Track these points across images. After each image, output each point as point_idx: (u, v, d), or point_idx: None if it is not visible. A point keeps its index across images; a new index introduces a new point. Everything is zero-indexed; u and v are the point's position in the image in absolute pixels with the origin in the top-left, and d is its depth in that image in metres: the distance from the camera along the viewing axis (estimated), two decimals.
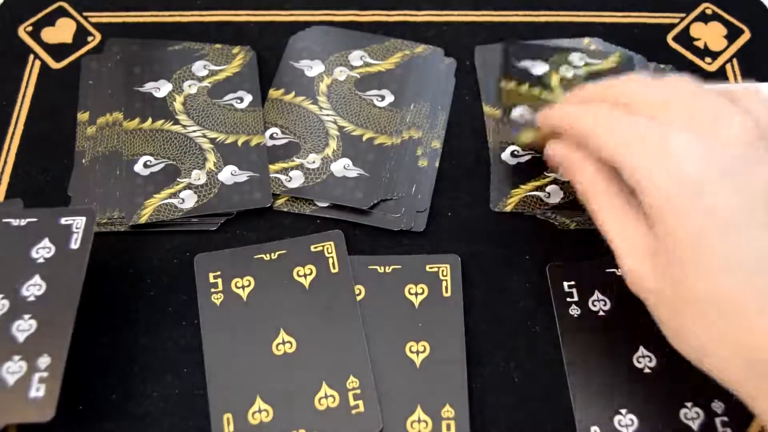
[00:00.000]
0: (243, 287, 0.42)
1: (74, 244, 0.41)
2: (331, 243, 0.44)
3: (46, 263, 0.40)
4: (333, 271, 0.43)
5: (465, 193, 0.47)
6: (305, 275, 0.43)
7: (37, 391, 0.37)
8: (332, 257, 0.43)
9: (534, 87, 0.50)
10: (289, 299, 0.42)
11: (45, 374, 0.37)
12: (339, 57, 0.52)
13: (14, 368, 0.37)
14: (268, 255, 0.43)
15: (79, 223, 0.41)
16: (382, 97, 0.50)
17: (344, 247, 0.43)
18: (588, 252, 0.45)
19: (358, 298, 0.42)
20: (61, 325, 0.38)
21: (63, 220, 0.41)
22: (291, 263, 0.43)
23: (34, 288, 0.39)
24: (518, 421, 0.40)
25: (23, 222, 0.41)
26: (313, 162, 0.47)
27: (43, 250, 0.40)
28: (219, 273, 0.43)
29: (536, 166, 0.48)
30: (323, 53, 0.52)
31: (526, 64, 0.51)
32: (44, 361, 0.37)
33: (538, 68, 0.51)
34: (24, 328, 0.38)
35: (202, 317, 0.42)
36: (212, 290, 0.42)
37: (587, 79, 0.50)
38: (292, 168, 0.47)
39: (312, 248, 0.43)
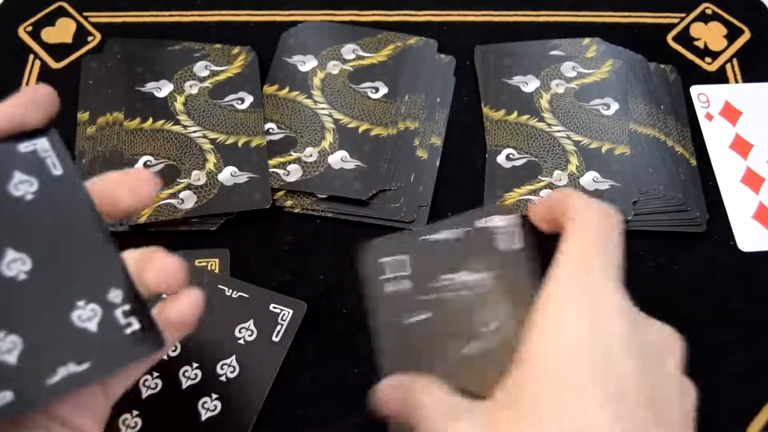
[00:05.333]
0: None
1: (276, 337, 0.41)
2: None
3: (246, 346, 0.40)
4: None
5: (465, 193, 0.47)
6: None
7: None
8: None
9: (523, 114, 0.50)
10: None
11: None
12: (331, 51, 0.52)
13: None
14: None
15: (286, 315, 0.41)
16: (376, 89, 0.50)
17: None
18: None
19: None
20: (243, 419, 0.37)
21: (272, 307, 0.41)
22: None
23: (228, 368, 0.39)
24: None
25: (235, 295, 0.41)
26: (311, 155, 0.47)
27: (246, 332, 0.40)
28: None
29: (531, 170, 0.48)
30: (316, 48, 0.52)
31: (518, 79, 0.51)
32: None
33: (530, 85, 0.51)
34: (209, 407, 0.38)
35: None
36: None
37: (578, 94, 0.50)
38: (289, 162, 0.47)
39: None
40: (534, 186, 0.47)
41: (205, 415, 0.38)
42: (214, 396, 0.39)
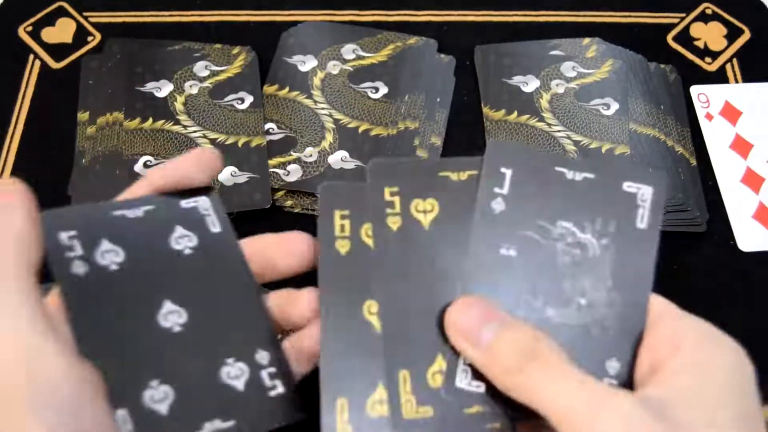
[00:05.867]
0: None
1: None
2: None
3: None
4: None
5: None
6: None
7: None
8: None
9: (523, 114, 0.50)
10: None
11: None
12: (331, 51, 0.52)
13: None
14: None
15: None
16: (376, 89, 0.50)
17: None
18: None
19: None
20: None
21: None
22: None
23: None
24: None
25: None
26: (311, 155, 0.47)
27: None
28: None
29: None
30: (316, 48, 0.52)
31: (518, 79, 0.51)
32: None
33: (530, 85, 0.51)
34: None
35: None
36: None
37: (578, 94, 0.50)
38: (289, 162, 0.47)
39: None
40: None
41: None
42: None
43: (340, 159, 0.47)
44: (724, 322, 0.44)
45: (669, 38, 0.54)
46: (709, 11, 0.55)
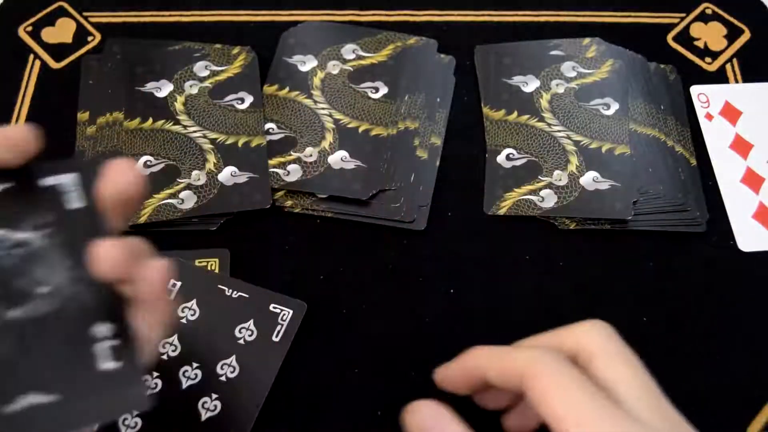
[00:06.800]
0: None
1: (276, 337, 0.41)
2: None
3: (246, 346, 0.40)
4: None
5: (466, 193, 0.47)
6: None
7: None
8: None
9: (523, 114, 0.50)
10: None
11: None
12: (331, 51, 0.52)
13: None
14: None
15: (286, 315, 0.41)
16: (376, 89, 0.50)
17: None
18: (588, 252, 0.45)
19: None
20: (243, 419, 0.37)
21: (272, 307, 0.41)
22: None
23: (228, 368, 0.39)
24: None
25: (235, 294, 0.41)
26: (311, 155, 0.47)
27: (246, 332, 0.40)
28: None
29: (531, 169, 0.48)
30: (316, 48, 0.52)
31: (518, 79, 0.51)
32: None
33: (530, 85, 0.51)
34: (209, 407, 0.38)
35: None
36: None
37: (578, 94, 0.50)
38: (289, 162, 0.47)
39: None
40: (534, 186, 0.47)
41: (205, 415, 0.38)
42: (214, 396, 0.39)
43: (340, 159, 0.47)
44: (725, 322, 0.44)
45: (669, 38, 0.54)
46: (709, 11, 0.55)
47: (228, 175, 0.46)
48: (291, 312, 0.41)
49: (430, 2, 0.55)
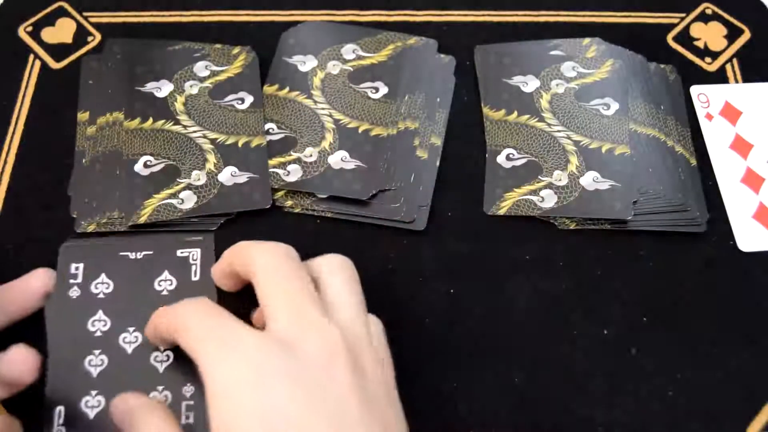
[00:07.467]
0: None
1: (195, 277, 0.42)
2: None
3: (170, 295, 0.41)
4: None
5: (466, 193, 0.47)
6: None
7: (186, 419, 0.38)
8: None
9: (523, 114, 0.50)
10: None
11: (191, 402, 0.38)
12: (331, 51, 0.52)
13: (159, 398, 0.38)
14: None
15: (195, 254, 0.43)
16: (376, 89, 0.50)
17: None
18: (588, 252, 0.45)
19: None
20: None
21: (179, 253, 0.43)
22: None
23: None
24: None
25: (140, 255, 0.42)
26: (311, 155, 0.47)
27: (165, 283, 0.41)
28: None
29: (531, 170, 0.48)
30: (316, 48, 0.52)
31: (518, 79, 0.51)
32: (188, 389, 0.38)
33: (530, 85, 0.51)
34: (161, 359, 0.39)
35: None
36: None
37: (578, 94, 0.50)
38: (289, 162, 0.47)
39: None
40: (534, 186, 0.47)
41: (162, 367, 0.39)
42: (163, 348, 0.40)
43: (340, 159, 0.47)
44: (725, 322, 0.44)
45: (669, 38, 0.54)
46: (709, 11, 0.55)
47: (228, 175, 0.46)
48: (198, 251, 0.43)
49: (430, 2, 0.55)
